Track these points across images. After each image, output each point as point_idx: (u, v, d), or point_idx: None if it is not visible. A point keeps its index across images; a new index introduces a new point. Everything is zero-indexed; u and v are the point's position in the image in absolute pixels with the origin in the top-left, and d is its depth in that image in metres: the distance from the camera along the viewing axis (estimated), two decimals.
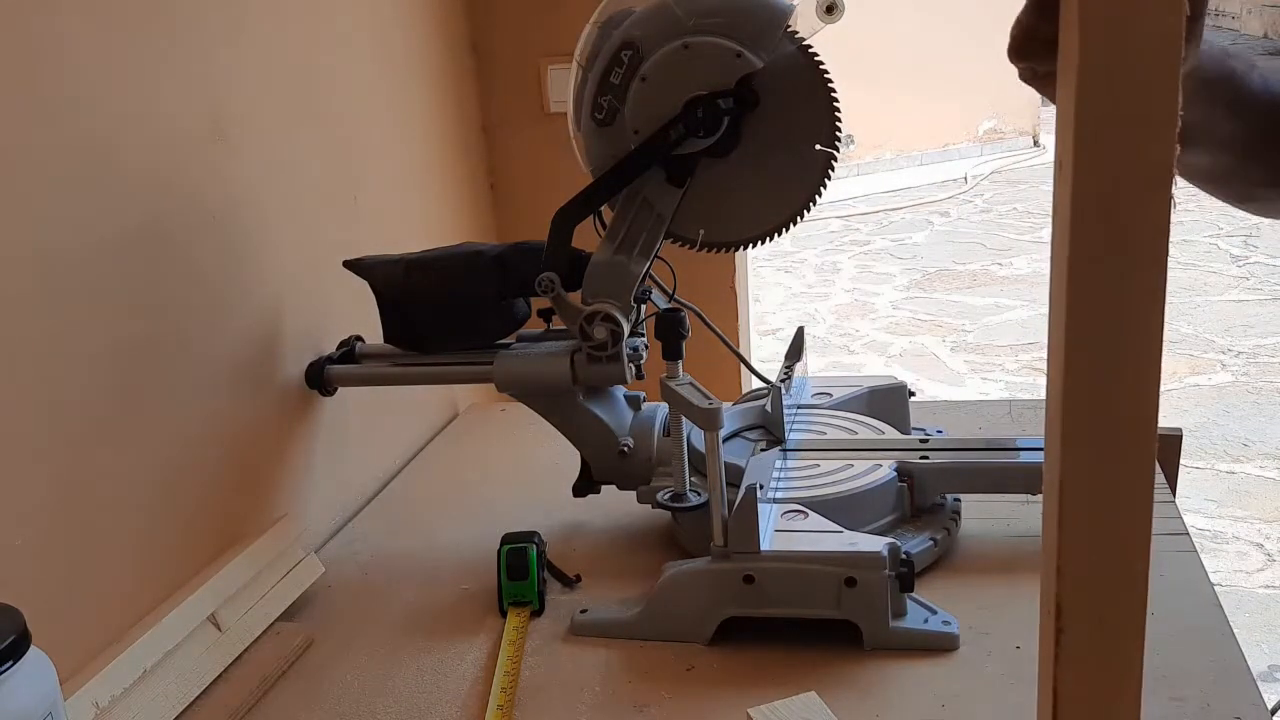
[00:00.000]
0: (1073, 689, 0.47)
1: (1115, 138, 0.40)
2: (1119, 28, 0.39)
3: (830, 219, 6.64)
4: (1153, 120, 0.40)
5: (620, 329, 1.04)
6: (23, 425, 0.81)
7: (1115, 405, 0.43)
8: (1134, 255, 0.41)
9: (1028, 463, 1.05)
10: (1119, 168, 0.40)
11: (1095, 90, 0.40)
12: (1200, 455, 3.28)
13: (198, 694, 0.91)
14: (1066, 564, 0.45)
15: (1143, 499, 0.44)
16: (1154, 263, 0.41)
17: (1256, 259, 5.19)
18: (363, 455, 1.32)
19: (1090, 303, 0.42)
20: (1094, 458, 0.44)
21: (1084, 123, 0.40)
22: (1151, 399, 0.43)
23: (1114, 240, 0.41)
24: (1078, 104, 0.40)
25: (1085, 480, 0.44)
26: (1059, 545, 0.45)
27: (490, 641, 0.98)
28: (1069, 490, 0.44)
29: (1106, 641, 0.46)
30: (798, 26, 0.99)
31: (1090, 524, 0.45)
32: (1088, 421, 0.43)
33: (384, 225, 1.40)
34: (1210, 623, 0.90)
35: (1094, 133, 0.40)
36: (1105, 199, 0.41)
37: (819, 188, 1.02)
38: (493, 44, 1.70)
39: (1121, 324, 0.42)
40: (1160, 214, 0.41)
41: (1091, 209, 0.41)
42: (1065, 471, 0.44)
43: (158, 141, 0.96)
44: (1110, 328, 0.42)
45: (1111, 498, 0.44)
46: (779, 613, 0.92)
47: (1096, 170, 0.41)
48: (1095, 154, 0.40)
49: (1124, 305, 0.42)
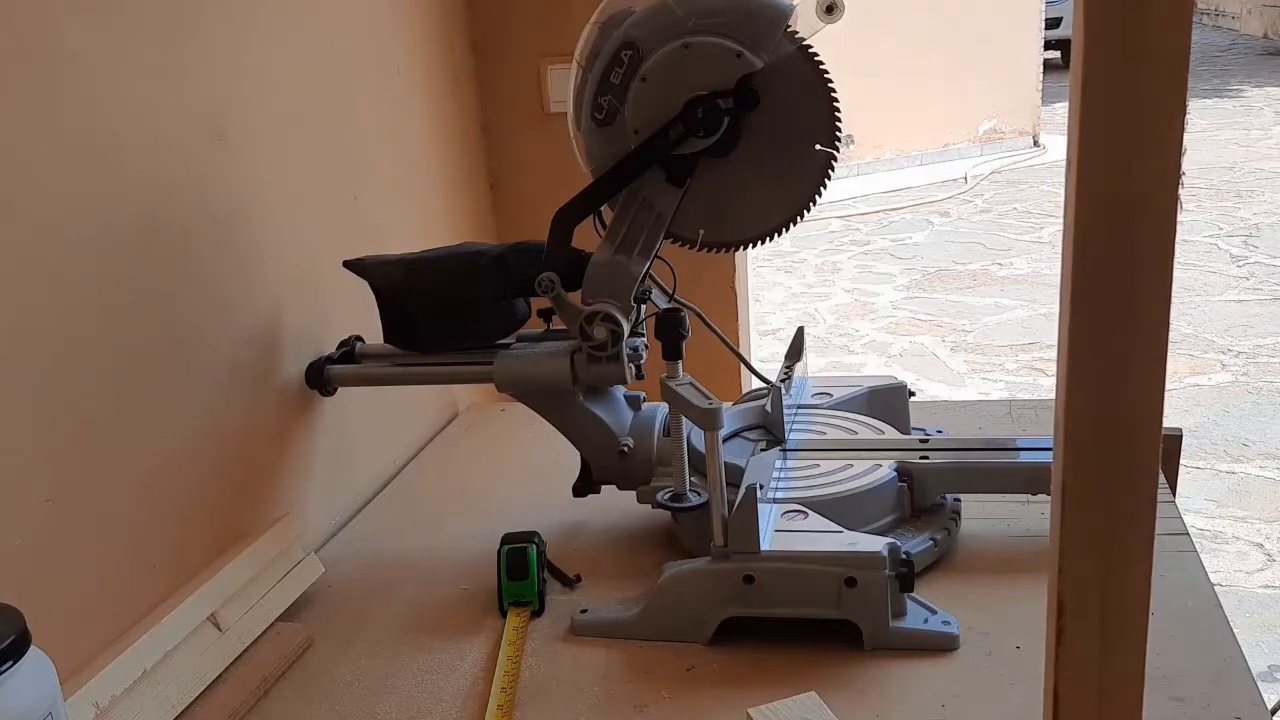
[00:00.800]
0: (1073, 688, 0.47)
1: (1123, 143, 0.40)
2: (1126, 38, 0.39)
3: (830, 219, 6.64)
4: (1161, 122, 0.40)
5: (620, 329, 1.04)
6: (23, 425, 0.81)
7: (1120, 405, 0.43)
8: (1141, 257, 0.41)
9: (1028, 463, 1.05)
10: (1127, 171, 0.40)
11: (1102, 94, 0.40)
12: (1200, 455, 3.28)
13: (198, 694, 0.91)
14: (1068, 563, 0.45)
15: (1146, 500, 0.44)
16: (1160, 266, 0.41)
17: (1256, 259, 5.19)
18: (363, 455, 1.32)
19: (1096, 303, 0.42)
20: (1099, 457, 0.44)
21: (1091, 126, 0.40)
22: (1156, 400, 0.43)
23: (1121, 243, 0.41)
24: (1084, 107, 0.40)
25: (1089, 479, 0.44)
26: (1060, 544, 0.45)
27: (490, 641, 0.98)
28: (1071, 490, 0.44)
29: (1108, 641, 0.46)
30: (798, 26, 0.99)
31: (1093, 523, 0.45)
32: (1092, 422, 0.43)
33: (384, 225, 1.40)
34: (1210, 623, 0.90)
35: (1102, 138, 0.40)
36: (1114, 201, 0.41)
37: (819, 188, 1.02)
38: (493, 44, 1.70)
39: (1128, 325, 0.42)
40: (1168, 221, 0.41)
41: (1100, 213, 0.41)
42: (1068, 470, 0.44)
43: (158, 142, 0.96)
44: (1116, 328, 0.42)
45: (1115, 498, 0.44)
46: (779, 613, 0.92)
47: (1104, 173, 0.41)
48: (1103, 158, 0.41)
49: (1130, 306, 0.42)
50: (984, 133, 8.24)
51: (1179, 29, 0.39)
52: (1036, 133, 8.38)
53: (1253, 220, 5.81)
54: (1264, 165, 6.98)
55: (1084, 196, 0.41)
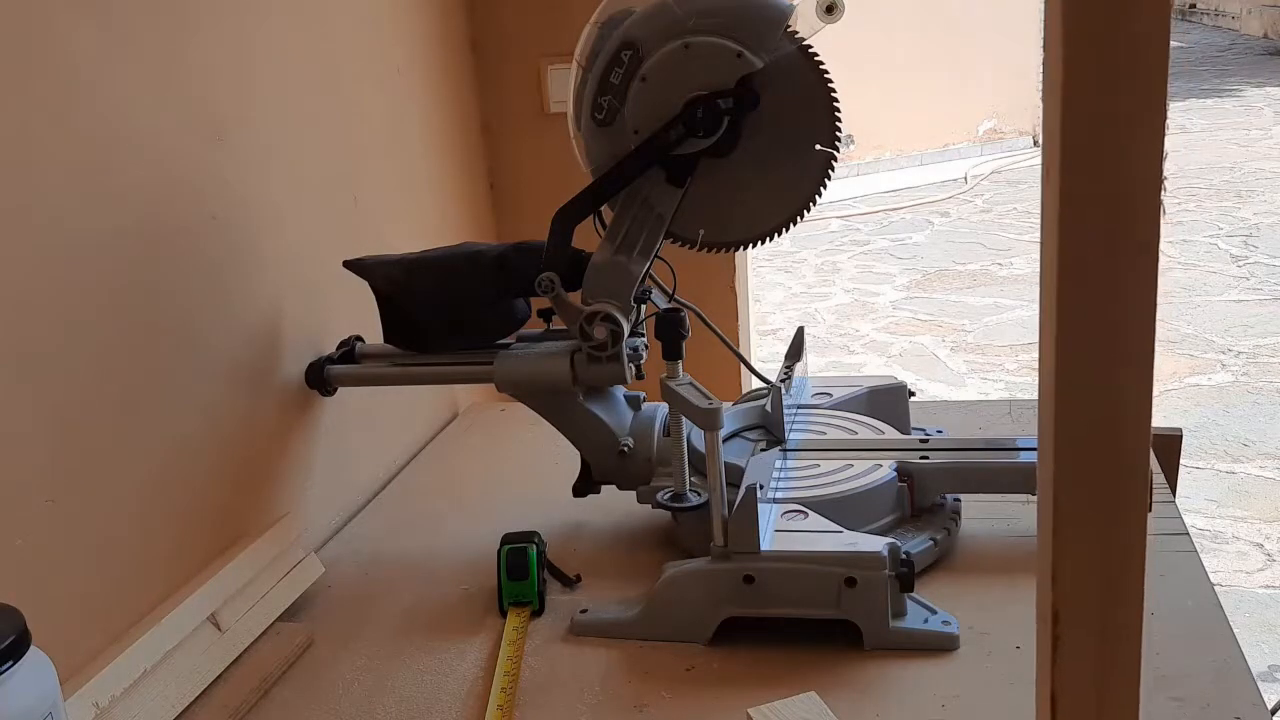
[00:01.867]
0: (1071, 696, 0.47)
1: (1103, 145, 0.40)
2: (1104, 38, 0.39)
3: (830, 219, 6.64)
4: (1142, 123, 0.40)
5: (620, 329, 1.04)
6: (23, 425, 0.81)
7: (1106, 407, 0.43)
8: (1123, 261, 0.41)
9: (1028, 463, 1.05)
10: (1106, 179, 0.40)
11: (1081, 97, 0.40)
12: (1200, 455, 3.27)
13: (198, 694, 0.91)
14: (1061, 571, 0.45)
15: (1136, 502, 0.44)
16: (1145, 271, 0.41)
17: (1256, 259, 5.18)
18: (363, 455, 1.32)
19: (1080, 306, 0.42)
20: (1086, 462, 0.44)
21: (1071, 131, 0.40)
22: (1144, 403, 0.43)
23: (1102, 250, 0.41)
24: (1064, 111, 0.40)
25: (1078, 485, 0.44)
26: (1054, 551, 0.45)
27: (490, 641, 0.98)
28: (1063, 494, 0.44)
29: (1105, 647, 0.46)
30: (798, 26, 0.99)
31: (1083, 529, 0.44)
32: (1078, 427, 0.43)
33: (384, 225, 1.40)
34: (1210, 623, 0.90)
35: (1081, 142, 0.40)
36: (1093, 213, 0.41)
37: (819, 188, 1.02)
38: (493, 44, 1.70)
39: (1111, 327, 0.42)
40: (1149, 228, 0.40)
41: (1078, 222, 0.41)
42: (1059, 474, 0.44)
43: (158, 142, 0.96)
44: (1100, 331, 0.42)
45: (1104, 501, 0.44)
46: (779, 613, 0.92)
47: (1083, 182, 0.40)
48: (1082, 163, 0.40)
49: (1114, 308, 0.42)
50: (984, 133, 8.24)
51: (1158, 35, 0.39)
52: (1036, 133, 8.37)
53: (1253, 220, 5.81)
54: (1264, 165, 6.98)
55: (1066, 200, 0.41)
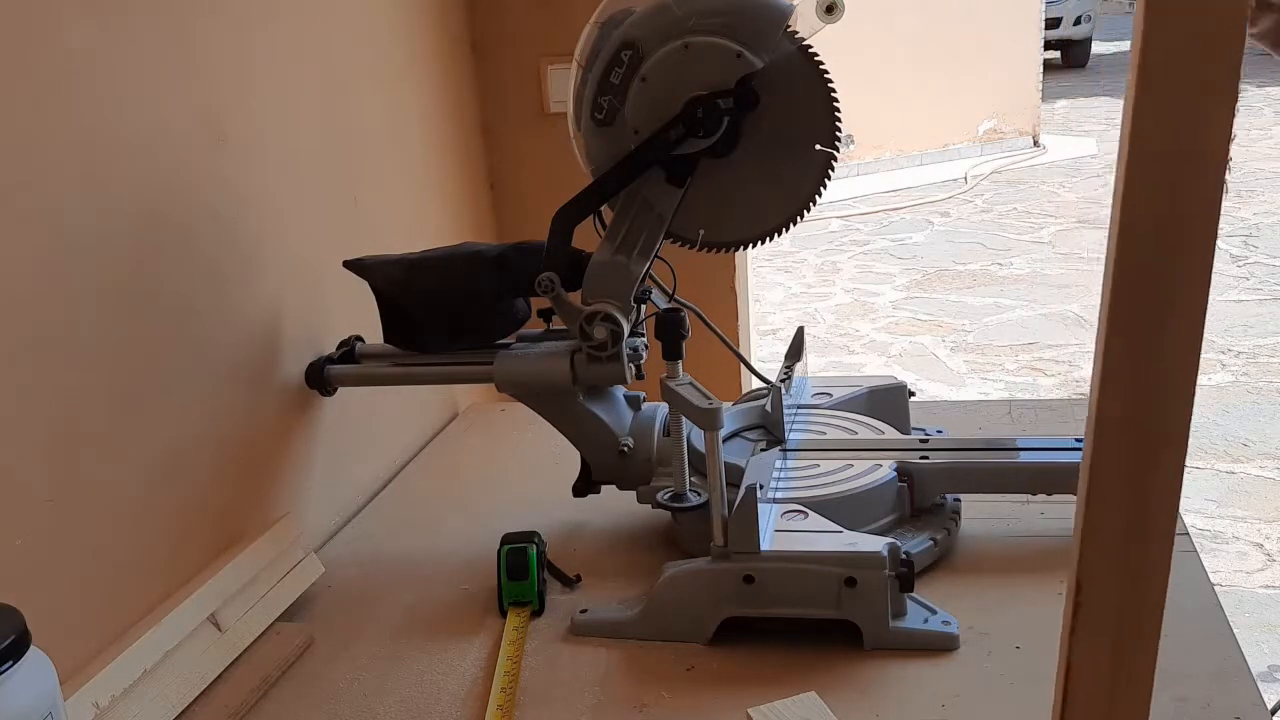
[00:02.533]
0: (1086, 667, 0.47)
1: (1174, 121, 0.41)
2: (1183, 17, 0.39)
3: (830, 219, 6.64)
4: (1212, 106, 0.40)
5: (620, 329, 1.04)
6: (23, 426, 0.81)
7: (1151, 393, 0.44)
8: (1185, 238, 0.42)
9: (1028, 462, 1.05)
10: (1175, 149, 0.41)
11: (1159, 73, 0.40)
12: (1200, 455, 3.27)
13: (197, 694, 0.91)
14: (1089, 547, 0.46)
15: (1174, 470, 0.45)
16: (1203, 248, 0.42)
17: (1256, 259, 5.18)
18: (363, 455, 1.32)
19: (1135, 286, 0.43)
20: (1126, 455, 0.45)
21: (1143, 107, 0.41)
22: (1187, 393, 0.44)
23: (1165, 222, 0.42)
24: (1139, 87, 0.40)
25: (1118, 460, 0.45)
26: (1084, 521, 0.46)
27: (490, 641, 0.98)
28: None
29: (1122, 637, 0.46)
30: (798, 26, 0.99)
31: (1117, 496, 0.46)
32: (1124, 408, 0.44)
33: (384, 225, 1.40)
34: (1210, 623, 0.90)
35: (1154, 118, 0.41)
36: (1160, 182, 0.42)
37: (819, 188, 1.02)
38: (493, 44, 1.70)
39: (1165, 307, 0.43)
40: (1213, 201, 0.41)
41: (1146, 193, 0.42)
42: (1097, 454, 0.45)
43: (158, 142, 0.96)
44: (1154, 310, 0.43)
45: (1140, 467, 0.46)
46: (779, 613, 0.92)
47: (1153, 152, 0.41)
48: (1154, 137, 0.41)
49: (1169, 289, 0.42)
50: (984, 133, 8.24)
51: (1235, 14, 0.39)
52: (1036, 133, 8.37)
53: (1253, 220, 5.81)
54: (1264, 165, 6.98)
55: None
